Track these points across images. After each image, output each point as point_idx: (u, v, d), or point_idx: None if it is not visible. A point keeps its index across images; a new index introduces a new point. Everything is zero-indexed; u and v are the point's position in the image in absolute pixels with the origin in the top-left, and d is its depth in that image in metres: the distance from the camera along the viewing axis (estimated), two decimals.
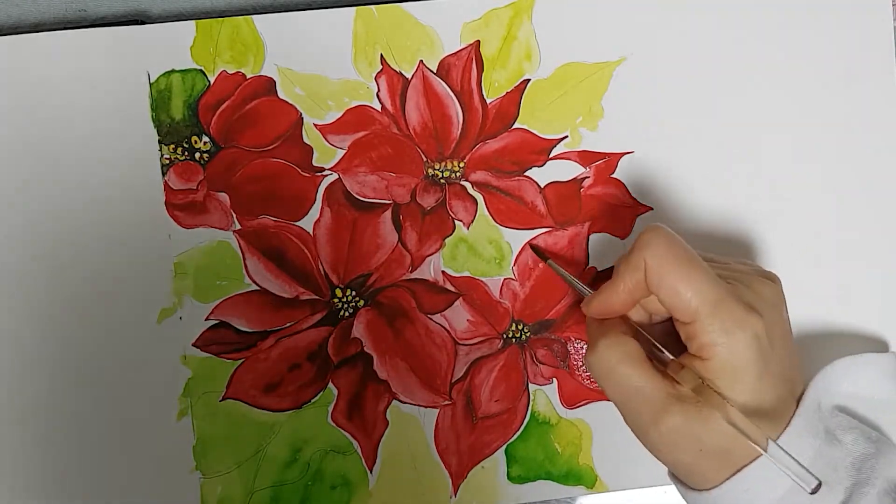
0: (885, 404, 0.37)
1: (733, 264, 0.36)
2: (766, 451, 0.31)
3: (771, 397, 0.32)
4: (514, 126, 0.41)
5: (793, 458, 0.30)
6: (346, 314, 0.41)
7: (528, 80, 0.41)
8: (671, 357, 0.33)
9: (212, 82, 0.40)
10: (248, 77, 0.40)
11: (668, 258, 0.33)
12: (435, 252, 0.41)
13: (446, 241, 0.41)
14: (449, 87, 0.41)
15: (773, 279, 0.36)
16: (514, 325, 0.41)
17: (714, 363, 0.32)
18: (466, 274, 0.41)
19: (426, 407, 0.41)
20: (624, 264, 0.34)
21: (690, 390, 0.32)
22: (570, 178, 0.41)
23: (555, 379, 0.41)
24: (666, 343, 0.34)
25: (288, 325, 0.40)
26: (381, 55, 0.41)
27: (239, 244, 0.40)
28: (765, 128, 0.42)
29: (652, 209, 0.41)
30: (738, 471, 0.32)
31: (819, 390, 0.35)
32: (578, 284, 0.38)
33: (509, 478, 0.41)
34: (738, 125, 0.42)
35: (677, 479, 0.35)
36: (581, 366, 0.41)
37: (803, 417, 0.33)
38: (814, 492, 0.30)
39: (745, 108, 0.42)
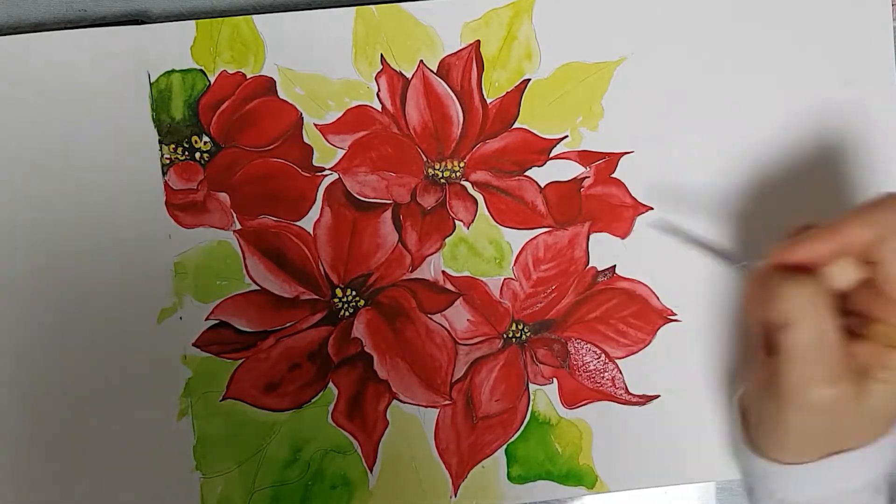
0: None
1: None
2: None
3: None
4: (515, 126, 0.41)
5: None
6: (347, 314, 0.41)
7: (529, 79, 0.41)
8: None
9: (212, 82, 0.40)
10: (248, 77, 0.40)
11: None
12: (435, 252, 0.41)
13: (446, 240, 0.41)
14: (449, 86, 0.41)
15: None
16: (514, 324, 0.41)
17: None
18: (466, 274, 0.41)
19: (426, 407, 0.41)
20: (854, 216, 0.32)
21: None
22: (571, 177, 0.41)
23: (555, 379, 0.41)
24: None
25: (288, 324, 0.40)
26: (382, 55, 0.41)
27: (239, 244, 0.40)
28: (765, 127, 0.42)
29: (652, 209, 0.41)
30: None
31: None
32: (724, 253, 0.36)
33: (509, 478, 0.41)
34: (738, 125, 0.42)
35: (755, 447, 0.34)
36: (582, 366, 0.41)
37: None
38: None
39: (745, 107, 0.42)
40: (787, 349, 0.32)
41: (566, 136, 0.41)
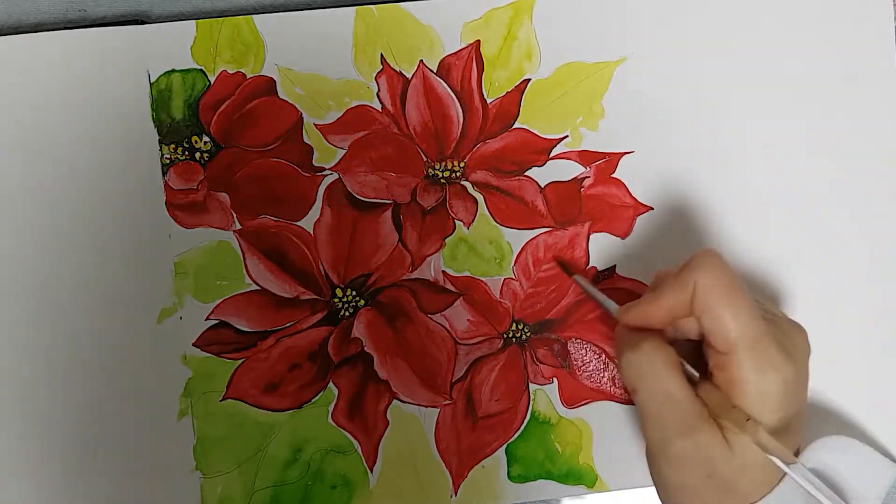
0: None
1: (767, 305, 0.36)
2: (792, 472, 0.31)
3: (782, 441, 0.32)
4: (515, 126, 0.41)
5: (817, 485, 0.31)
6: (347, 314, 0.41)
7: (529, 79, 0.41)
8: (698, 376, 0.34)
9: (212, 82, 0.40)
10: (248, 77, 0.40)
11: (720, 284, 0.32)
12: (435, 252, 0.41)
13: (446, 240, 0.41)
14: (449, 86, 0.41)
15: (802, 330, 0.36)
16: (514, 324, 0.41)
17: (742, 398, 0.32)
18: (467, 274, 0.41)
19: (427, 406, 0.41)
20: (672, 280, 0.33)
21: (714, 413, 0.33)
22: (571, 177, 0.41)
23: (555, 379, 0.41)
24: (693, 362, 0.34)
25: (288, 324, 0.40)
26: (382, 55, 0.41)
27: (239, 244, 0.40)
28: (765, 127, 0.42)
29: (652, 209, 0.41)
30: None
31: (807, 459, 0.35)
32: (606, 301, 0.38)
33: (510, 477, 0.41)
34: (737, 125, 0.42)
35: None
36: (581, 366, 0.41)
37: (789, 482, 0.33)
38: None
39: (745, 107, 0.42)
40: (638, 410, 0.34)
41: (566, 136, 0.41)
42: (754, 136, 0.42)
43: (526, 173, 0.41)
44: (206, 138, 0.40)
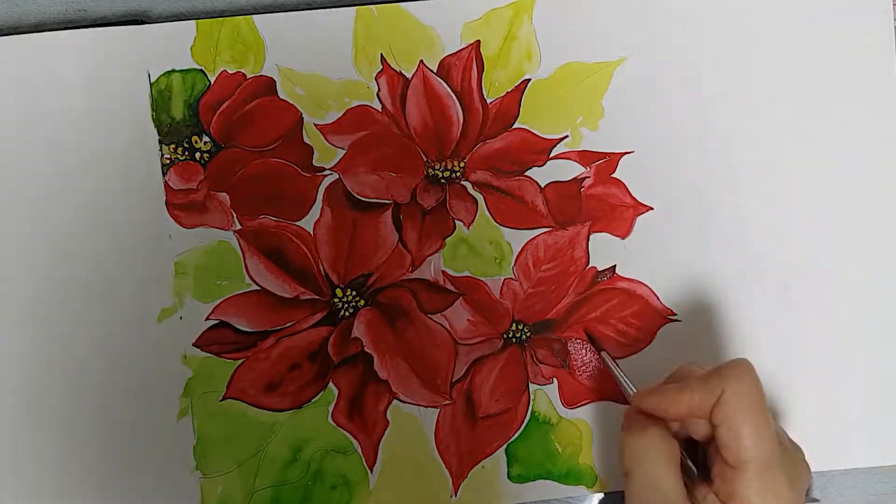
0: None
1: (780, 428, 0.36)
2: None
3: None
4: (515, 126, 0.41)
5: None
6: (347, 314, 0.41)
7: (529, 79, 0.41)
8: (696, 472, 0.34)
9: (212, 82, 0.40)
10: (248, 77, 0.40)
11: (747, 400, 0.33)
12: (435, 252, 0.41)
13: (446, 240, 0.41)
14: (449, 86, 0.41)
15: (805, 459, 0.36)
16: (514, 324, 0.41)
17: None
18: (466, 274, 0.41)
19: (426, 406, 0.41)
20: (699, 382, 0.34)
21: None
22: (571, 177, 0.41)
23: (555, 379, 0.41)
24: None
25: (288, 324, 0.40)
26: (382, 55, 0.41)
27: (239, 244, 0.40)
28: (764, 127, 0.42)
29: (652, 209, 0.41)
30: None
31: None
32: (626, 383, 0.38)
33: (510, 477, 0.41)
34: (737, 125, 0.42)
35: None
36: (581, 366, 0.41)
37: None
38: None
39: (744, 107, 0.42)
40: (626, 494, 0.34)
41: (566, 136, 0.41)
42: (754, 136, 0.42)
43: (526, 173, 0.41)
44: (206, 138, 0.40)
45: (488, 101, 0.41)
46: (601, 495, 0.41)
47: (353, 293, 0.41)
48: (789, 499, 0.32)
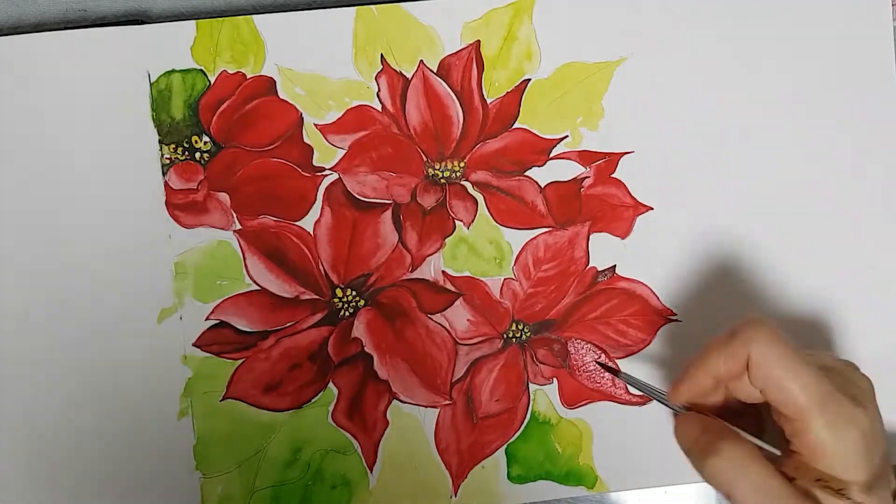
0: None
1: (822, 354, 0.36)
2: None
3: (879, 493, 0.32)
4: (515, 126, 0.41)
5: None
6: (347, 314, 0.41)
7: (529, 79, 0.41)
8: (779, 453, 0.34)
9: (212, 82, 0.40)
10: (248, 77, 0.40)
11: (775, 354, 0.32)
12: (435, 252, 0.41)
13: (446, 240, 0.41)
14: (449, 86, 0.41)
15: (857, 368, 0.36)
16: (514, 324, 0.41)
17: (825, 461, 0.32)
18: (466, 274, 0.41)
19: (426, 407, 0.41)
20: (720, 349, 0.33)
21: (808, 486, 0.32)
22: (571, 177, 0.41)
23: (555, 379, 0.41)
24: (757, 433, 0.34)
25: (288, 324, 0.40)
26: (382, 55, 0.41)
27: (239, 244, 0.40)
28: (765, 127, 0.42)
29: (652, 209, 0.41)
30: None
31: None
32: (656, 392, 0.38)
33: (509, 478, 0.41)
34: (738, 125, 0.42)
35: None
36: (581, 366, 0.41)
37: None
38: None
39: (745, 107, 0.42)
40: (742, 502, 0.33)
41: (566, 136, 0.41)
42: (754, 136, 0.42)
43: (526, 173, 0.41)
44: (206, 138, 0.40)
45: (488, 101, 0.41)
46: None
47: (353, 293, 0.41)
48: (864, 421, 0.32)
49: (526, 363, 0.41)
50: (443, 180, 0.41)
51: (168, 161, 0.40)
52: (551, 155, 0.41)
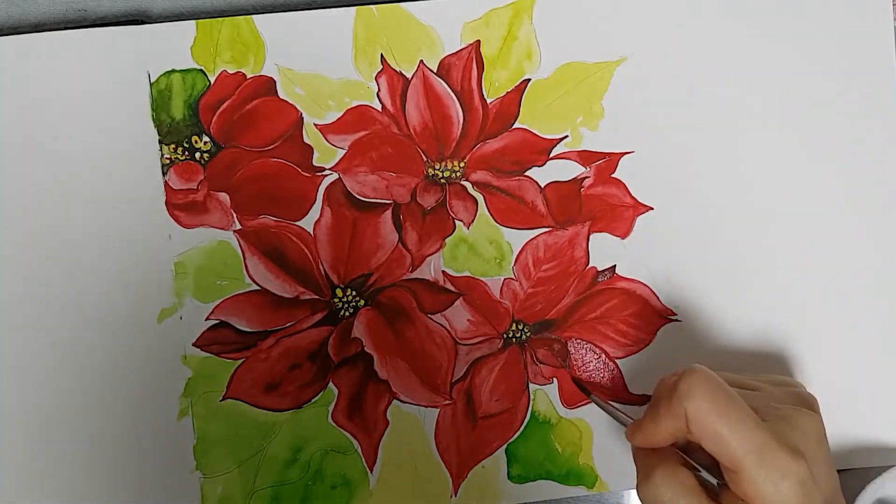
0: None
1: (768, 388, 0.36)
2: None
3: None
4: (515, 126, 0.41)
5: None
6: (347, 314, 0.41)
7: (529, 79, 0.41)
8: (717, 483, 0.34)
9: (212, 82, 0.40)
10: (248, 77, 0.40)
11: (709, 407, 0.32)
12: (435, 252, 0.41)
13: (446, 240, 0.41)
14: (449, 86, 0.41)
15: (811, 405, 0.36)
16: (514, 324, 0.41)
17: None
18: (467, 274, 0.41)
19: (426, 406, 0.41)
20: (665, 409, 0.34)
21: None
22: (571, 177, 0.41)
23: (555, 379, 0.41)
24: (710, 465, 0.35)
25: (288, 324, 0.40)
26: (382, 55, 0.41)
27: (239, 244, 0.40)
28: (765, 127, 0.42)
29: (652, 209, 0.41)
30: None
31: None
32: (623, 415, 0.38)
33: (510, 477, 0.41)
34: (738, 125, 0.42)
35: None
36: (581, 366, 0.41)
37: None
38: None
39: (745, 107, 0.42)
40: None
41: (566, 136, 0.41)
42: (754, 136, 0.42)
43: (526, 173, 0.41)
44: (206, 138, 0.40)
45: (488, 101, 0.41)
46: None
47: (353, 293, 0.41)
48: (802, 470, 0.32)
49: (526, 363, 0.41)
50: (443, 180, 0.41)
51: (168, 161, 0.40)
52: (551, 155, 0.41)
